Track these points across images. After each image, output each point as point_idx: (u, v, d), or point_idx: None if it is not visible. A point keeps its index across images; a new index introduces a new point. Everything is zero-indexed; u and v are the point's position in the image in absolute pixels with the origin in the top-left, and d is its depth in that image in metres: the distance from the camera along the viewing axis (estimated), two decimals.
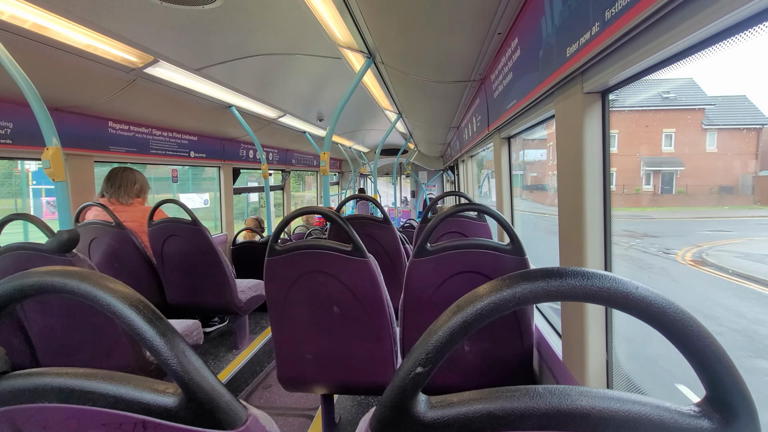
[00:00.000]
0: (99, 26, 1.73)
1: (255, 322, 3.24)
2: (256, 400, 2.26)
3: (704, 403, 0.35)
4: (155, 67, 2.23)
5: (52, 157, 1.56)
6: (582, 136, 1.07)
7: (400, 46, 2.08)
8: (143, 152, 3.14)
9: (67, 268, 0.43)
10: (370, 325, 1.45)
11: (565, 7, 1.02)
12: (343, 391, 1.63)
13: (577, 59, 0.98)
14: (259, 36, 2.21)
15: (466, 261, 1.37)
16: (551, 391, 0.36)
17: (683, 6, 0.64)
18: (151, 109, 2.93)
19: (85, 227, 2.31)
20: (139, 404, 0.42)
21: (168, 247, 2.36)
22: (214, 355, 2.62)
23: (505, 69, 1.76)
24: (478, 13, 1.53)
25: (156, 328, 0.41)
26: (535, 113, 1.56)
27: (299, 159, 6.17)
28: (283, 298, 1.47)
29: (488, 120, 2.39)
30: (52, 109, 2.38)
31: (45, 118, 1.55)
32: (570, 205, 1.16)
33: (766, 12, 0.57)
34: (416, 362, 0.36)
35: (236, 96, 3.07)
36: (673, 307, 0.33)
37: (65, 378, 0.43)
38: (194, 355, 0.43)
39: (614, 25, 0.79)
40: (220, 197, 4.32)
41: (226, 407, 0.43)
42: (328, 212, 1.42)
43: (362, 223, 2.27)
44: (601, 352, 1.12)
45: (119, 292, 0.42)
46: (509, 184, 2.43)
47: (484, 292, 0.35)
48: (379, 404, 0.39)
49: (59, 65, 1.97)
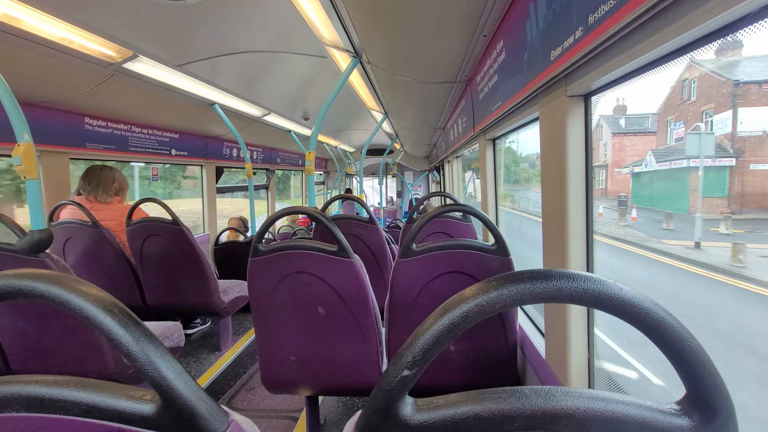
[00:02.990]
0: (75, 19, 1.67)
1: (238, 323, 3.18)
2: (239, 402, 2.22)
3: (684, 401, 0.36)
4: (134, 62, 2.17)
5: (24, 154, 1.49)
6: (565, 138, 1.09)
7: (387, 46, 2.08)
8: (122, 149, 3.04)
9: (36, 270, 0.41)
10: (356, 326, 1.44)
11: (550, 11, 1.04)
12: (328, 392, 1.62)
13: (560, 63, 1.00)
14: (243, 33, 2.17)
15: (452, 261, 1.37)
16: (537, 392, 0.36)
17: (665, 12, 0.66)
18: (131, 106, 2.85)
19: (60, 227, 2.22)
20: (114, 412, 0.40)
21: (147, 247, 2.30)
22: (196, 357, 2.56)
23: (491, 71, 1.78)
24: (464, 14, 1.54)
25: (131, 332, 0.39)
26: (520, 115, 1.58)
27: (284, 158, 6.10)
28: (266, 299, 1.44)
29: (474, 121, 2.41)
30: (24, 103, 2.28)
31: (16, 112, 1.49)
32: (553, 206, 1.17)
33: (746, 19, 0.59)
34: (403, 365, 0.36)
35: (220, 93, 3.01)
36: (655, 309, 0.33)
37: (34, 386, 0.41)
38: (172, 360, 0.41)
39: (597, 29, 0.80)
40: (203, 196, 4.24)
41: (206, 413, 0.42)
42: (313, 212, 1.41)
43: (348, 224, 2.26)
44: (583, 351, 1.14)
45: (92, 295, 0.40)
46: (494, 185, 2.45)
47: (470, 294, 0.35)
48: (365, 408, 0.38)
49: (32, 58, 1.89)
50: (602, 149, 8.18)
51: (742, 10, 0.57)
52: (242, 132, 3.99)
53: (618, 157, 7.93)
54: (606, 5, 0.76)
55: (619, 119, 8.10)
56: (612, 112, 8.19)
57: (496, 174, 2.46)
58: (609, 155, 8.04)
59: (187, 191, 8.99)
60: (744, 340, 3.01)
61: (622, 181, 7.65)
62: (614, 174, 7.89)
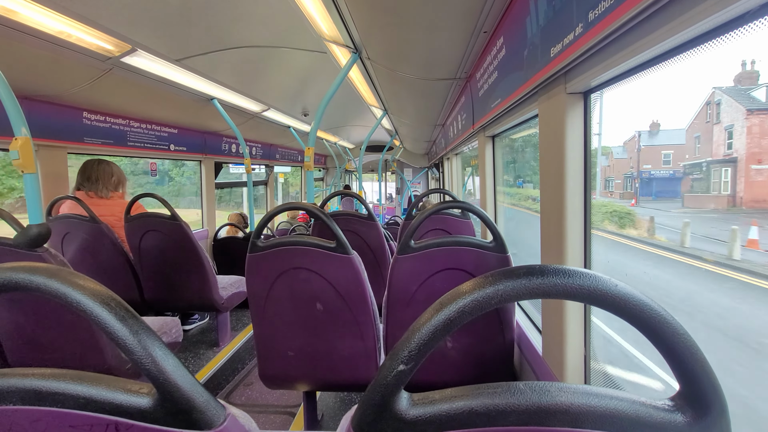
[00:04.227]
0: (73, 12, 1.66)
1: (236, 318, 3.19)
2: (237, 397, 2.23)
3: (678, 397, 0.36)
4: (133, 56, 2.16)
5: (21, 148, 1.49)
6: (564, 136, 1.09)
7: (387, 42, 2.07)
8: (120, 144, 3.03)
9: (34, 264, 0.41)
10: (354, 322, 1.45)
11: (550, 8, 1.03)
12: (326, 388, 1.63)
13: (560, 60, 1.00)
14: (242, 27, 2.16)
15: (450, 258, 1.38)
16: (532, 388, 0.36)
17: (665, 8, 0.66)
18: (129, 100, 2.84)
19: (58, 221, 2.22)
20: (111, 405, 0.40)
21: (146, 243, 2.30)
22: (194, 352, 2.57)
23: (491, 68, 1.77)
24: (464, 10, 1.53)
25: (128, 326, 0.39)
26: (520, 112, 1.58)
27: (283, 154, 6.09)
28: (265, 294, 1.45)
29: (473, 118, 2.41)
30: (21, 97, 2.27)
31: (13, 106, 1.48)
32: (551, 203, 1.18)
33: (747, 15, 0.59)
34: (399, 360, 0.36)
35: (218, 88, 3.00)
36: (650, 305, 0.34)
37: (31, 379, 0.41)
38: (169, 354, 0.41)
39: (597, 26, 0.80)
40: (201, 192, 4.23)
41: (202, 407, 0.42)
42: (312, 208, 1.41)
43: (347, 220, 2.26)
44: (579, 347, 1.15)
45: (89, 289, 0.40)
46: (493, 182, 2.45)
47: (466, 290, 0.35)
48: (361, 402, 0.39)
49: (29, 52, 1.88)
50: (721, 135, 4.87)
51: (742, 8, 0.57)
52: (241, 127, 3.97)
53: (757, 146, 4.55)
54: (606, 2, 0.76)
55: (751, 91, 4.71)
56: (734, 83, 4.75)
57: (495, 171, 2.46)
58: (742, 143, 4.65)
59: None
60: None
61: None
62: (752, 174, 4.54)
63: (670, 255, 4.45)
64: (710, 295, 3.37)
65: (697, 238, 4.61)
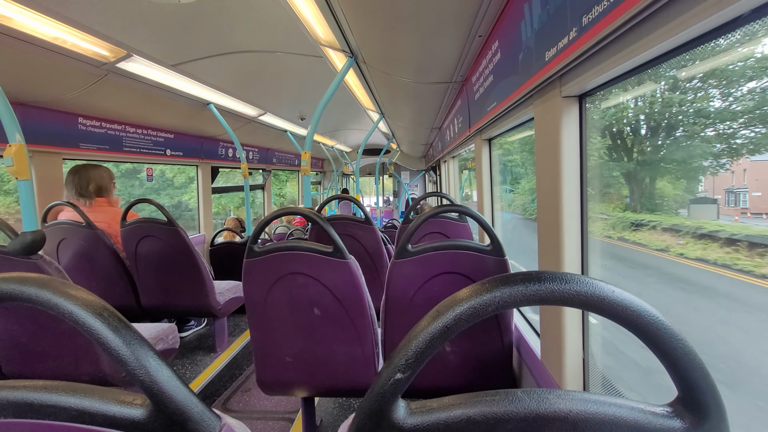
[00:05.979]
0: (67, 18, 1.66)
1: (234, 324, 3.17)
2: (235, 404, 2.21)
3: (676, 403, 0.36)
4: (128, 61, 2.15)
5: (15, 154, 1.48)
6: (560, 139, 1.09)
7: (383, 46, 2.08)
8: (116, 150, 3.02)
9: (23, 274, 0.40)
10: (351, 327, 1.44)
11: (544, 12, 1.04)
12: (324, 393, 1.61)
13: (555, 63, 1.00)
14: (238, 32, 2.16)
15: (448, 262, 1.37)
16: (530, 395, 0.36)
17: (658, 13, 0.66)
18: (125, 105, 2.83)
19: (54, 228, 2.20)
20: (104, 417, 0.40)
21: (142, 248, 2.28)
22: (191, 359, 2.55)
23: (486, 71, 1.78)
24: (459, 15, 1.54)
25: (121, 336, 0.39)
26: (515, 115, 1.59)
27: (280, 158, 6.09)
28: (262, 300, 1.44)
29: (470, 121, 2.41)
30: (15, 103, 2.26)
31: (7, 112, 1.47)
32: (548, 208, 1.18)
33: (739, 20, 0.59)
34: (396, 368, 0.35)
35: (215, 93, 2.99)
36: (648, 311, 0.33)
37: (22, 391, 0.40)
38: (163, 365, 0.41)
39: (591, 30, 0.80)
40: (198, 197, 4.22)
41: (197, 418, 0.41)
42: (309, 213, 1.40)
43: (344, 224, 2.26)
44: (578, 351, 1.15)
45: (81, 299, 0.39)
46: (490, 186, 2.46)
47: (463, 297, 0.35)
48: (358, 411, 0.38)
49: (24, 57, 1.87)
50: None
51: (734, 12, 0.57)
52: (238, 132, 3.97)
53: None
54: (600, 6, 0.76)
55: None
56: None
57: (492, 174, 2.46)
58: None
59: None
60: None
61: None
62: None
63: None
64: None
65: None
